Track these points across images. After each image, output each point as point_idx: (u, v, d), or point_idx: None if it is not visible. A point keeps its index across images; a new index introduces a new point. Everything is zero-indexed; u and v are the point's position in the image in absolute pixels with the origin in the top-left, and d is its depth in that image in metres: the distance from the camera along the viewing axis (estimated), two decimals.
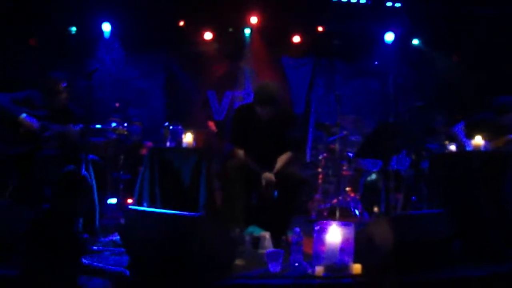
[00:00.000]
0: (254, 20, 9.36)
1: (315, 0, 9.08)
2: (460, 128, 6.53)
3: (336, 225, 4.12)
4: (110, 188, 7.53)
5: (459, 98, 8.76)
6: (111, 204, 7.49)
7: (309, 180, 6.17)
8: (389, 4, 9.03)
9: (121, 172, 7.50)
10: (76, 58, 9.02)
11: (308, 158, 9.10)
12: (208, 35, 9.55)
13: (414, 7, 8.95)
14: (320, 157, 8.05)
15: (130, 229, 4.37)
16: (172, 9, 9.27)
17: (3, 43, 8.57)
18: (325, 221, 4.22)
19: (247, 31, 9.56)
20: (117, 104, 8.06)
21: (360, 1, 9.18)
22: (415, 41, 9.41)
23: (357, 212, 7.48)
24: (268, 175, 5.50)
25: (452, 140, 6.65)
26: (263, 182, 5.50)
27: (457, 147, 6.46)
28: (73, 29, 9.37)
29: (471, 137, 5.71)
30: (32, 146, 5.48)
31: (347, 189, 7.93)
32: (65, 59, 8.75)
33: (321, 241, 4.11)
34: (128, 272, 4.03)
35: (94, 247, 4.84)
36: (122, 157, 7.58)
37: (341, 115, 7.58)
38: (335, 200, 7.41)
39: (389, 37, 9.31)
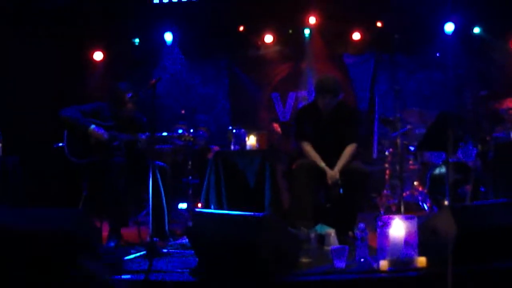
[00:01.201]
0: (312, 20, 9.38)
1: None
2: None
3: (399, 218, 4.13)
4: (180, 193, 7.72)
5: None
6: (181, 209, 7.68)
7: (372, 174, 6.15)
8: None
9: (190, 177, 7.67)
10: (141, 69, 9.30)
11: (375, 154, 9.05)
12: (268, 38, 9.64)
13: None
14: (386, 153, 8.01)
15: (197, 231, 4.49)
16: (231, 15, 9.41)
17: (70, 57, 8.90)
18: (388, 216, 4.24)
19: (306, 31, 9.58)
20: (183, 111, 8.24)
21: None
22: (476, 30, 9.22)
23: (425, 206, 7.42)
24: (333, 174, 5.54)
25: None
26: (329, 181, 5.55)
27: None
28: (137, 40, 9.65)
29: None
30: (102, 156, 5.68)
31: (415, 183, 7.86)
32: (130, 70, 9.03)
33: (384, 236, 4.13)
34: (192, 278, 4.15)
35: (164, 250, 5.00)
36: (190, 162, 7.75)
37: (404, 109, 7.53)
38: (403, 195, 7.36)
39: (449, 27, 9.15)
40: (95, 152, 5.71)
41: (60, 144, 5.80)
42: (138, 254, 4.98)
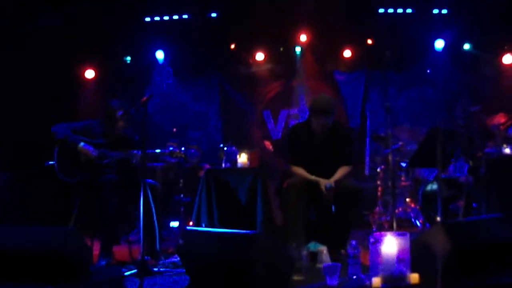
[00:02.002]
0: (303, 38, 9.41)
1: (362, 13, 9.08)
2: None
3: (391, 235, 4.12)
4: (172, 211, 7.70)
5: None
6: (173, 227, 7.65)
7: (364, 191, 6.14)
8: (436, 11, 8.95)
9: (182, 195, 7.66)
10: (132, 86, 9.30)
11: (367, 171, 9.06)
12: (260, 56, 9.65)
13: (462, 12, 8.84)
14: (378, 170, 8.01)
15: (188, 249, 4.46)
16: (222, 33, 9.44)
17: (62, 75, 8.89)
18: (380, 232, 4.23)
19: (297, 49, 9.61)
20: (174, 129, 8.23)
21: (407, 11, 9.15)
22: (466, 46, 9.28)
23: (418, 222, 7.41)
24: (327, 181, 5.53)
25: (509, 142, 6.53)
26: (323, 188, 5.52)
27: None
28: (128, 58, 9.66)
29: None
30: (92, 174, 5.66)
31: (407, 200, 7.86)
32: (122, 88, 9.03)
33: (377, 252, 4.12)
34: None
35: (155, 269, 4.96)
36: (181, 180, 7.73)
37: (396, 126, 7.55)
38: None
39: (439, 44, 9.21)
40: (85, 170, 5.70)
41: (51, 162, 5.76)
42: (129, 272, 4.92)
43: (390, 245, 4.06)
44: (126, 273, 4.89)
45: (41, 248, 4.46)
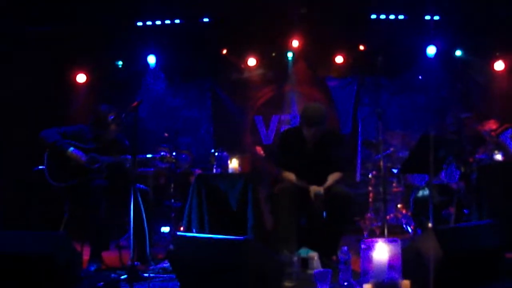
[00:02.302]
0: (295, 43, 9.41)
1: (354, 19, 9.09)
2: (508, 137, 6.42)
3: (383, 242, 4.10)
4: (163, 217, 7.66)
5: (507, 107, 8.61)
6: (164, 233, 7.60)
7: (356, 197, 6.13)
8: (427, 17, 8.97)
9: (172, 201, 7.62)
10: (124, 91, 9.27)
11: (358, 178, 9.04)
12: (252, 61, 9.63)
13: (454, 18, 8.87)
14: (370, 176, 8.00)
15: (179, 254, 4.43)
16: (214, 38, 9.43)
17: (53, 80, 8.85)
18: (371, 239, 4.21)
19: (289, 54, 9.61)
20: (166, 134, 8.19)
21: (399, 17, 9.16)
22: (458, 52, 9.30)
23: (409, 229, 7.40)
24: (317, 188, 5.51)
25: (500, 149, 6.54)
26: (312, 196, 5.50)
27: (503, 156, 6.35)
28: (120, 63, 9.63)
29: None
30: (82, 179, 5.62)
31: (399, 206, 7.86)
32: (113, 93, 9.00)
33: (368, 259, 4.10)
34: None
35: (145, 274, 4.92)
36: (172, 185, 7.70)
37: (387, 131, 7.55)
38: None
39: (431, 50, 9.23)
40: (75, 175, 5.66)
41: (41, 167, 5.73)
42: (119, 278, 4.88)
43: (382, 251, 4.04)
44: (116, 279, 4.85)
45: (31, 252, 4.44)
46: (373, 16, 9.21)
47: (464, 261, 4.06)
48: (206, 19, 9.40)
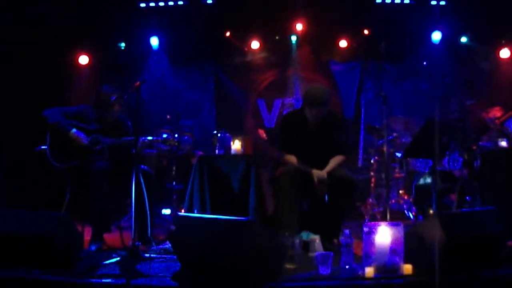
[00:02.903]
0: (299, 27, 9.36)
1: (359, 3, 9.04)
2: None
3: (385, 225, 4.09)
4: (164, 199, 7.65)
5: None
6: (165, 215, 7.60)
7: (357, 182, 6.11)
8: (434, 2, 8.91)
9: (174, 183, 7.62)
10: (126, 73, 9.22)
11: (360, 163, 9.03)
12: (255, 44, 9.60)
13: (460, 4, 8.82)
14: (372, 161, 7.99)
15: (180, 235, 4.42)
16: (218, 20, 9.38)
17: (55, 61, 8.82)
18: (374, 222, 4.20)
19: (293, 38, 9.56)
20: (168, 116, 8.17)
21: (405, 1, 9.10)
22: (463, 39, 9.26)
23: (411, 215, 7.39)
24: (320, 172, 5.49)
25: (504, 136, 6.51)
26: (315, 179, 5.48)
27: (508, 143, 6.32)
28: (122, 44, 9.59)
29: None
30: (84, 160, 5.60)
31: (400, 192, 7.84)
32: (116, 74, 8.95)
33: (370, 243, 4.09)
34: (174, 283, 4.08)
35: (146, 255, 4.91)
36: (174, 167, 7.70)
37: (390, 117, 7.51)
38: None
39: (436, 36, 9.18)
40: (77, 157, 5.63)
41: (43, 147, 5.70)
42: (120, 258, 4.88)
43: (384, 235, 4.04)
44: (117, 259, 4.84)
45: (32, 232, 4.45)
46: (378, 0, 9.15)
47: (467, 247, 4.05)
48: (209, 1, 9.34)
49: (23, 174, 8.16)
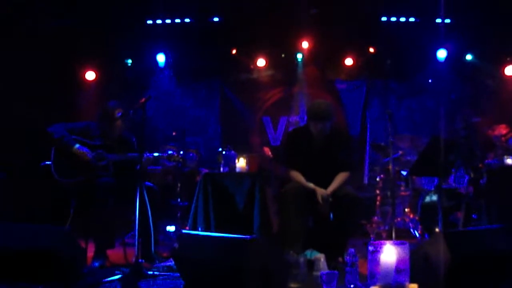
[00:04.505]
0: (305, 44, 9.39)
1: (365, 22, 9.05)
2: None
3: (391, 244, 4.05)
4: (168, 216, 7.63)
5: None
6: (169, 232, 7.57)
7: (363, 200, 6.08)
8: (439, 20, 8.92)
9: (179, 200, 7.60)
10: (133, 89, 9.26)
11: (365, 180, 9.00)
12: (261, 62, 9.63)
13: (465, 22, 8.82)
14: (378, 179, 7.95)
15: (184, 253, 4.40)
16: (224, 38, 9.42)
17: (62, 77, 8.84)
18: (379, 241, 4.16)
19: (299, 56, 9.59)
20: (174, 133, 8.18)
21: (410, 20, 9.12)
22: (469, 57, 9.26)
23: (416, 233, 7.34)
24: (323, 191, 5.47)
25: (510, 153, 6.49)
26: (319, 199, 5.45)
27: None
28: (129, 61, 9.62)
29: None
30: (88, 176, 5.59)
31: (406, 210, 7.80)
32: (122, 91, 8.99)
33: (375, 261, 4.04)
34: None
35: (150, 272, 4.88)
36: (179, 184, 7.67)
37: (396, 135, 7.49)
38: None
39: (442, 54, 9.18)
40: (81, 172, 5.62)
41: (48, 162, 5.70)
42: (122, 275, 4.85)
43: (389, 254, 3.99)
44: (120, 276, 4.82)
45: (34, 247, 4.42)
46: (384, 19, 9.18)
47: (473, 266, 4.00)
48: (216, 19, 9.41)
49: (28, 189, 8.15)
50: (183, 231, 5.16)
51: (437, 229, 6.57)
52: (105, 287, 4.46)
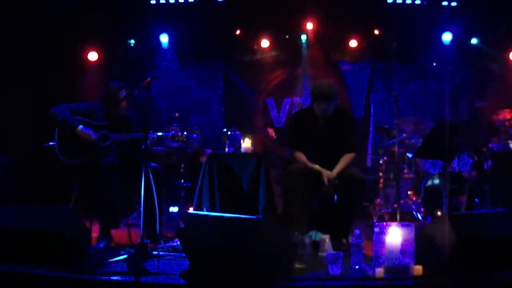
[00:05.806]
0: (310, 26, 9.36)
1: (370, 3, 9.02)
2: None
3: (396, 226, 4.06)
4: (172, 196, 7.64)
5: None
6: (173, 212, 7.59)
7: (368, 181, 6.08)
8: (445, 3, 8.88)
9: (182, 181, 7.61)
10: (136, 70, 9.23)
11: (368, 163, 9.00)
12: (265, 43, 9.59)
13: (471, 5, 8.78)
14: (381, 161, 7.96)
15: (189, 233, 4.41)
16: (228, 18, 9.38)
17: (65, 57, 8.82)
18: (384, 223, 4.17)
19: (303, 37, 9.55)
20: (177, 114, 8.17)
21: (416, 2, 9.08)
22: (474, 40, 9.23)
23: (419, 216, 7.36)
24: (329, 173, 5.46)
25: None
26: (325, 180, 5.45)
27: None
28: (132, 41, 9.59)
29: None
30: (92, 156, 5.59)
31: (409, 192, 7.81)
32: (125, 71, 8.96)
33: (381, 243, 4.06)
34: (183, 281, 4.06)
35: (155, 252, 4.90)
36: (183, 165, 7.68)
37: (400, 117, 7.50)
38: (396, 205, 7.30)
39: (447, 37, 9.15)
40: (85, 153, 5.61)
41: (51, 143, 5.70)
42: (128, 255, 4.86)
43: (395, 236, 4.00)
44: (125, 256, 4.83)
45: (39, 228, 4.43)
46: (390, 0, 9.12)
47: (477, 248, 4.02)
48: None
49: (32, 170, 8.18)
50: (188, 211, 5.17)
51: (439, 212, 6.59)
52: (110, 267, 4.46)
